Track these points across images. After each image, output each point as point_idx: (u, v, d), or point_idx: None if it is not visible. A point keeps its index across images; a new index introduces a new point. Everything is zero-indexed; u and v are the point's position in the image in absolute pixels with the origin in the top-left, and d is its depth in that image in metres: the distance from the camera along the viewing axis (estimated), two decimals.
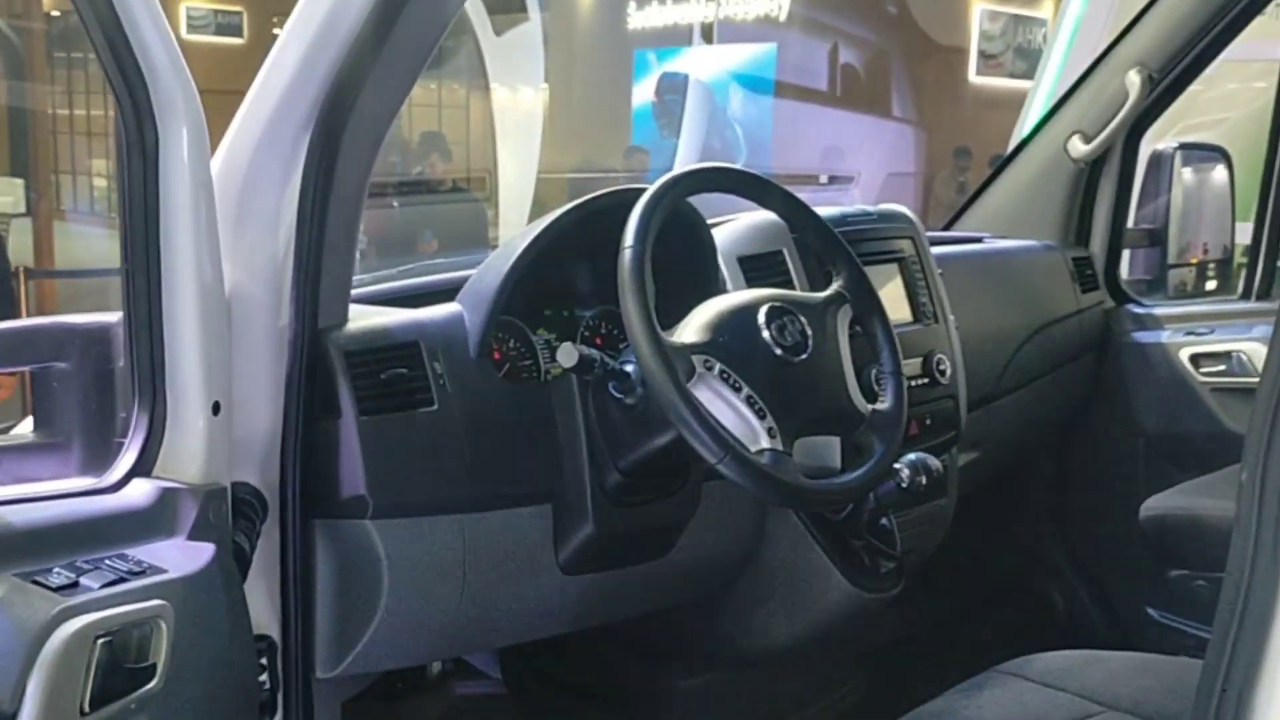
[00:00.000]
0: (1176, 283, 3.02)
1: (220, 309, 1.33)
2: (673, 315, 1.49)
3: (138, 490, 1.24)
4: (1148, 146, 2.77)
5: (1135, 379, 2.60)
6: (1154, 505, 2.19)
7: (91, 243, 7.82)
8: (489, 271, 1.56)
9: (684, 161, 7.15)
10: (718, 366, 1.40)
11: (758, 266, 1.83)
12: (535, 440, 1.54)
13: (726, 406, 1.40)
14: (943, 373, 1.99)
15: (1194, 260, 3.06)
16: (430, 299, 1.59)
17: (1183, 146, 2.90)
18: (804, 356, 1.47)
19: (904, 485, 1.68)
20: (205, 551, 1.23)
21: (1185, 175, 2.95)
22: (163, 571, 1.14)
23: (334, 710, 1.57)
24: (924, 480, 1.70)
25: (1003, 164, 2.75)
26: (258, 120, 1.37)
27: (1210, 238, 2.99)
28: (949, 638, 2.51)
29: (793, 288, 1.84)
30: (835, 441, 1.74)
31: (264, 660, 1.42)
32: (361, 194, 1.43)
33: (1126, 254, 2.82)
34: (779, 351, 1.45)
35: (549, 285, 1.66)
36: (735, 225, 1.87)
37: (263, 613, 1.43)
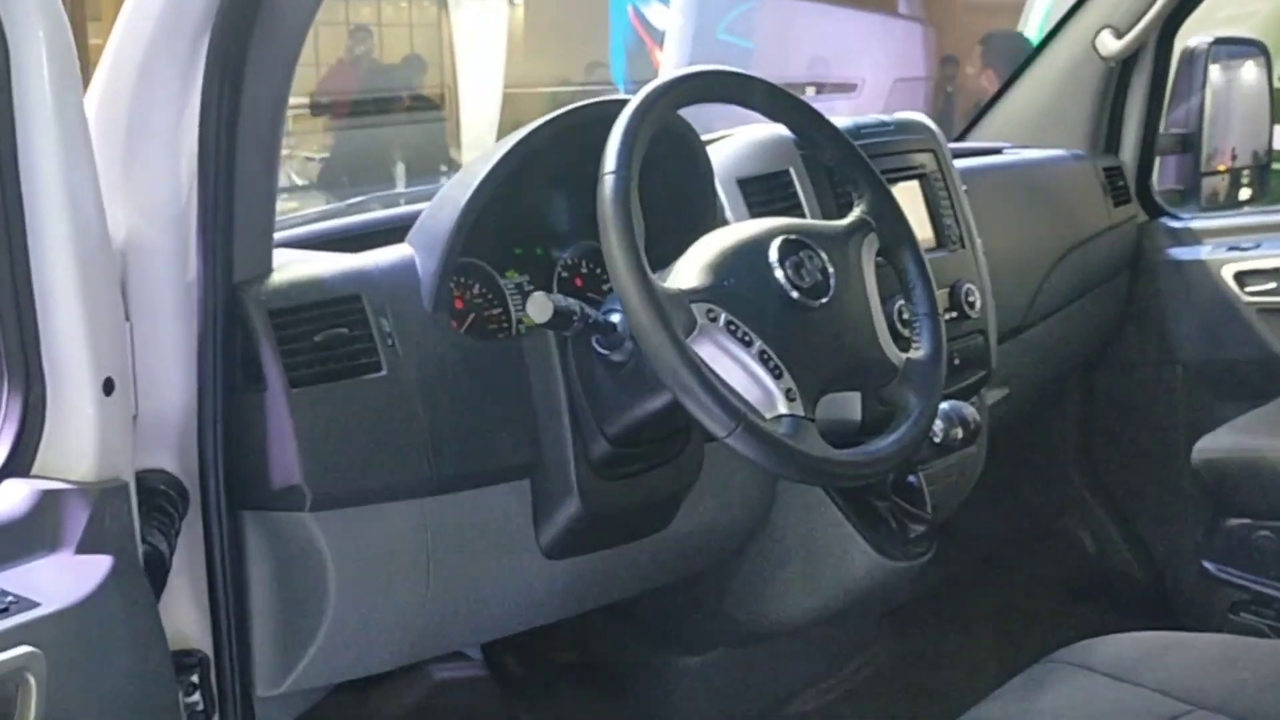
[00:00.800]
0: (1209, 193, 2.78)
1: (107, 263, 1.08)
2: (664, 253, 1.24)
3: (8, 495, 0.99)
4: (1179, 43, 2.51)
5: (1172, 301, 2.36)
6: (1208, 446, 1.96)
7: None
8: (444, 205, 1.30)
9: (671, 68, 6.71)
10: (723, 316, 1.15)
11: (761, 190, 1.57)
12: (507, 406, 1.30)
13: (735, 365, 1.15)
14: (971, 304, 1.75)
15: (1223, 168, 2.82)
16: (375, 240, 1.34)
17: (1217, 41, 2.64)
18: (825, 299, 1.22)
19: (937, 440, 1.45)
20: (98, 568, 0.99)
21: (1216, 73, 2.69)
22: (33, 606, 0.90)
23: None
24: (959, 433, 1.48)
25: (1024, 63, 2.48)
26: (142, 25, 1.10)
27: (1245, 141, 2.74)
28: (975, 591, 2.30)
29: (801, 214, 1.59)
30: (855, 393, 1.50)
31: (195, 679, 1.19)
32: (279, 113, 1.17)
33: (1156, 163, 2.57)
34: (796, 295, 1.20)
35: (518, 219, 1.41)
36: (732, 142, 1.61)
37: (190, 624, 1.20)
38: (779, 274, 1.20)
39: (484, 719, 1.79)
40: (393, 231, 1.36)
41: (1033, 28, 5.96)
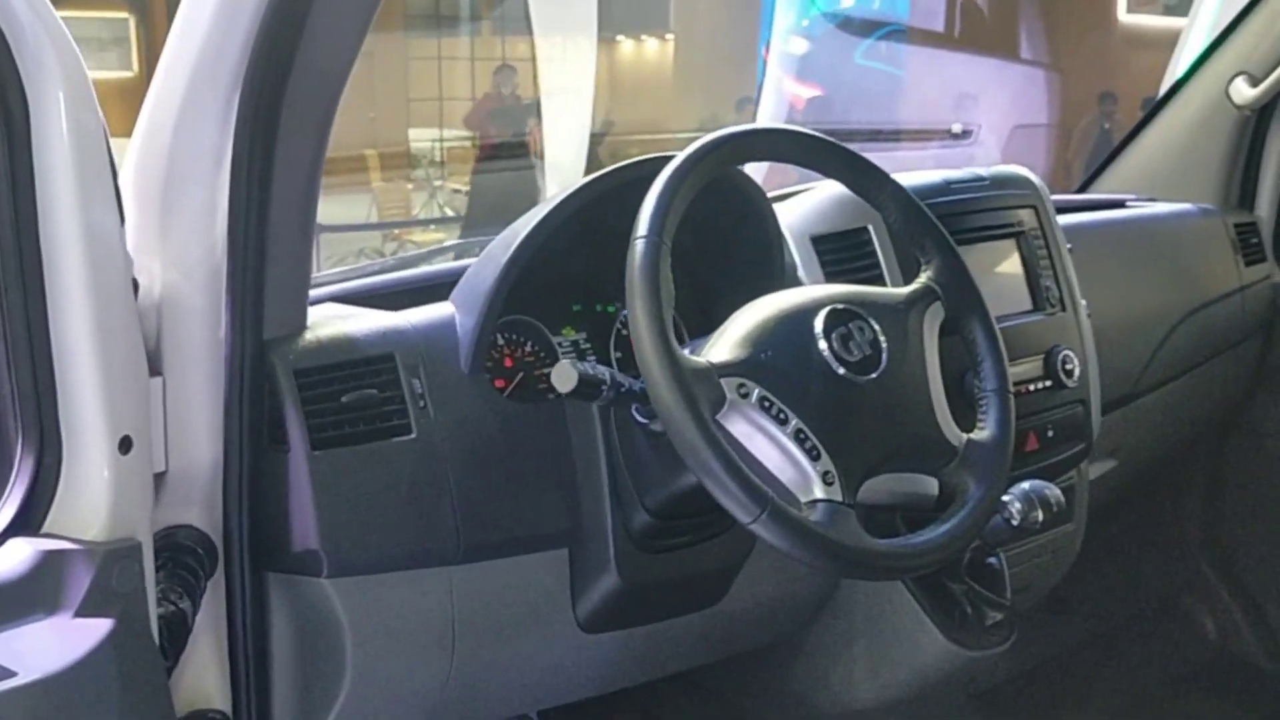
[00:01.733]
0: None
1: (127, 319, 1.06)
2: (723, 319, 1.18)
3: (10, 555, 0.98)
4: None
5: None
6: None
7: None
8: (487, 262, 1.26)
9: (765, 117, 6.51)
10: (756, 392, 1.08)
11: (837, 249, 1.49)
12: (546, 472, 1.25)
13: (770, 444, 1.08)
14: (1069, 373, 1.63)
15: None
16: (419, 297, 1.31)
17: None
18: (874, 374, 1.13)
19: (1014, 523, 1.34)
20: (93, 633, 0.97)
21: None
22: (9, 676, 0.88)
23: None
24: (1039, 515, 1.36)
25: (1151, 112, 2.33)
26: (179, 76, 1.09)
27: None
28: (1081, 673, 2.15)
29: (880, 275, 1.50)
30: None
31: None
32: (317, 169, 1.15)
33: None
34: (841, 370, 1.11)
35: (576, 275, 1.36)
36: (807, 197, 1.53)
37: (210, 683, 1.18)
38: (823, 346, 1.12)
39: None
40: (436, 288, 1.33)
41: (1184, 64, 5.65)
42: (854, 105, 6.94)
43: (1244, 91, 2.15)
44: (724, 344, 1.11)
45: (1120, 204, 2.20)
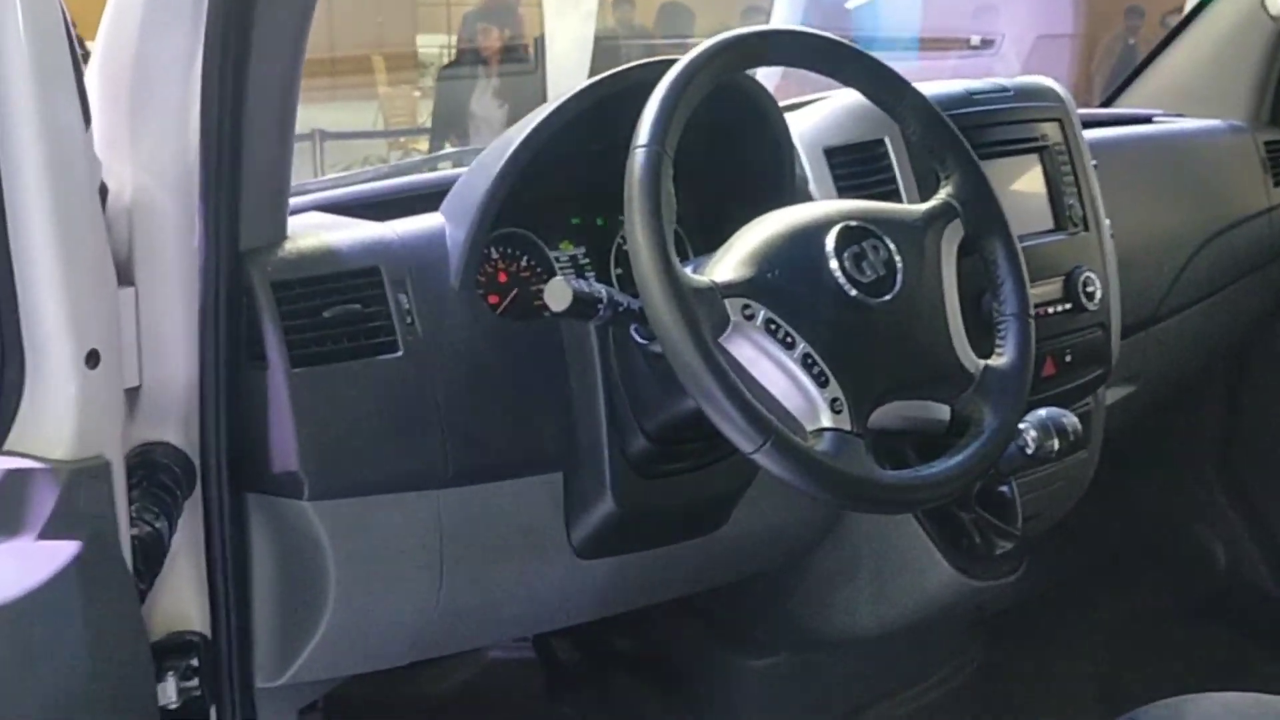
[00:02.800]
0: None
1: (93, 226, 1.00)
2: (729, 235, 1.11)
3: None
4: None
5: None
6: None
7: None
8: (479, 171, 1.19)
9: (781, 18, 6.21)
10: (762, 314, 1.01)
11: (851, 162, 1.41)
12: (539, 393, 1.19)
13: (776, 369, 1.02)
14: (1090, 295, 1.56)
15: None
16: (410, 207, 1.24)
17: None
18: (888, 296, 1.06)
19: (1029, 451, 1.29)
20: (58, 556, 0.92)
21: None
22: None
23: None
24: (1055, 444, 1.31)
25: (1182, 23, 2.22)
26: None
27: None
28: (1087, 603, 2.11)
29: (896, 190, 1.42)
30: None
31: (194, 662, 1.13)
32: (296, 65, 1.07)
33: None
34: (853, 292, 1.05)
35: (575, 186, 1.29)
36: (821, 107, 1.45)
37: (189, 605, 1.14)
38: (834, 266, 1.05)
39: (530, 705, 1.71)
40: (427, 197, 1.26)
41: None
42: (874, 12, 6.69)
43: None
44: (729, 262, 1.04)
45: (1147, 119, 2.11)
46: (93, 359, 0.99)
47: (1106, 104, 2.30)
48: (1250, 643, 2.17)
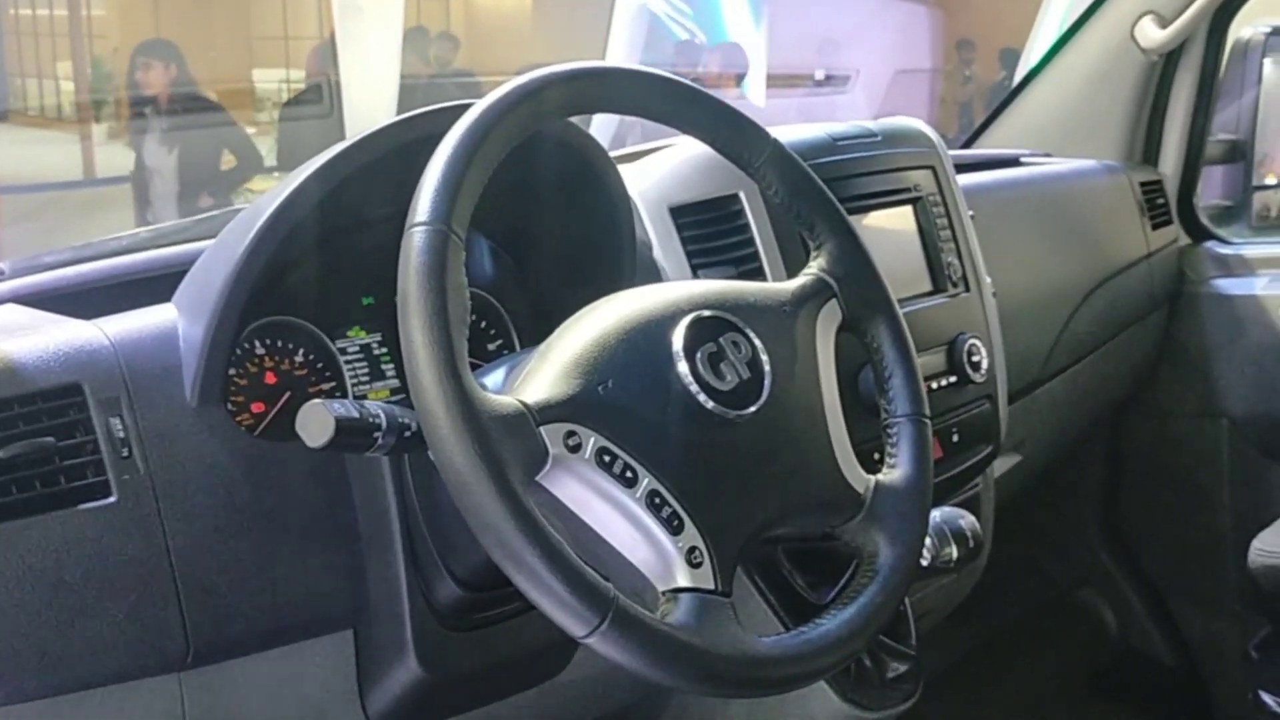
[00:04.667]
0: (1260, 209, 2.39)
1: None
2: (566, 317, 0.86)
3: None
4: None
5: (1217, 341, 1.98)
6: (1269, 546, 1.57)
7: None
8: (221, 249, 0.92)
9: (615, 56, 5.70)
10: (591, 442, 0.76)
11: (700, 222, 1.19)
12: (318, 535, 0.93)
13: (613, 513, 0.77)
14: (975, 365, 1.36)
15: (1276, 179, 2.43)
16: (131, 295, 0.96)
17: (1276, 31, 2.25)
18: (754, 408, 0.83)
19: (924, 564, 1.09)
20: None
21: (1270, 69, 2.30)
22: None
23: None
24: (954, 553, 1.11)
25: (1046, 57, 2.07)
26: None
27: None
28: (983, 678, 1.93)
29: (755, 253, 1.20)
30: None
31: None
32: None
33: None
34: (710, 404, 0.81)
35: (363, 257, 1.03)
36: (662, 158, 1.22)
37: None
38: (684, 370, 0.81)
39: None
40: (158, 281, 0.98)
41: (1055, 13, 5.31)
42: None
43: (1151, 34, 1.91)
44: (546, 374, 0.78)
45: (1014, 161, 1.95)
46: None
47: (968, 145, 2.14)
48: (1140, 713, 2.03)
